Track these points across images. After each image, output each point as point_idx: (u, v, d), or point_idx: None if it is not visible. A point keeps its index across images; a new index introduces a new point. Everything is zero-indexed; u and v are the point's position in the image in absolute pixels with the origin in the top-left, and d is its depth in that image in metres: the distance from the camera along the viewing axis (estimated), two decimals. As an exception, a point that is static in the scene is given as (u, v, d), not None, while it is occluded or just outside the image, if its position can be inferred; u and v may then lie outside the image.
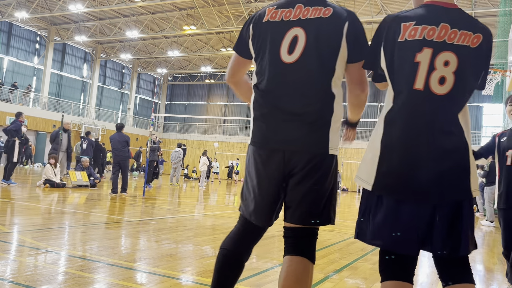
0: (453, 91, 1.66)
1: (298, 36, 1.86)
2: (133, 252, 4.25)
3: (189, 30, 25.28)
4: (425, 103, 1.67)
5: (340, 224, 8.27)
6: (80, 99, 32.89)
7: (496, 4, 19.17)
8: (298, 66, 1.86)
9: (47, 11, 25.22)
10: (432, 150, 1.65)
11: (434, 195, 1.64)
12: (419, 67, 1.67)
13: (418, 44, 1.67)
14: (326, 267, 4.17)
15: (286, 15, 1.89)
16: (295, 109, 1.86)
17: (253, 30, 1.96)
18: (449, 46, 1.66)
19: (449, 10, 1.73)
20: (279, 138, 1.88)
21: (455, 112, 1.70)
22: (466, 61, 1.66)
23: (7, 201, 7.59)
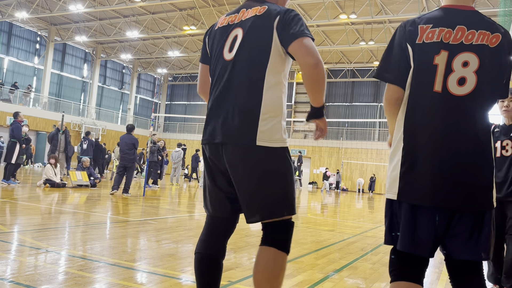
0: (475, 90, 1.65)
1: (237, 35, 2.00)
2: (133, 251, 4.26)
3: (189, 30, 25.28)
4: (446, 105, 1.67)
5: (340, 224, 8.28)
6: (80, 99, 32.90)
7: (496, 4, 19.16)
8: (234, 62, 1.97)
9: (47, 11, 25.23)
10: (456, 156, 1.64)
11: (456, 203, 1.65)
12: (437, 70, 1.68)
13: (436, 47, 1.69)
14: (326, 267, 4.17)
15: (232, 19, 2.07)
16: (233, 103, 1.95)
17: (208, 38, 2.17)
18: (468, 47, 1.67)
19: (466, 13, 1.74)
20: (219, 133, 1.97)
21: (482, 117, 1.67)
22: (487, 59, 1.66)
23: (7, 201, 7.59)
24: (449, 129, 1.66)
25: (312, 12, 23.32)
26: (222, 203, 2.06)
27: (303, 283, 3.49)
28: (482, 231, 1.67)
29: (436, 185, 1.65)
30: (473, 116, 1.67)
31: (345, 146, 30.05)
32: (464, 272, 1.72)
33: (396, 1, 21.17)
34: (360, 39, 25.55)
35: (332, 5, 22.09)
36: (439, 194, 1.64)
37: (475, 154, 1.65)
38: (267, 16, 1.95)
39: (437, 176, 1.65)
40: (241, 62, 1.96)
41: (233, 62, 1.98)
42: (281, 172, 1.94)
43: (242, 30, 1.99)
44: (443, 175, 1.64)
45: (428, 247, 1.68)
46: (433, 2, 20.49)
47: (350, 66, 31.93)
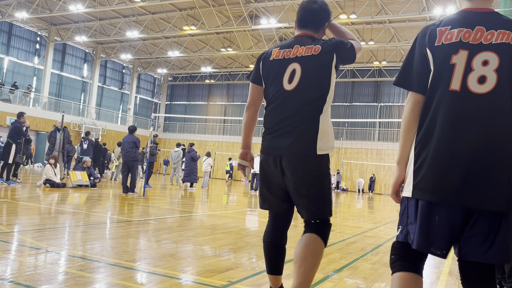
0: (496, 88, 1.66)
1: (295, 69, 2.43)
2: (133, 252, 4.26)
3: (189, 30, 25.28)
4: (464, 103, 1.68)
5: (340, 224, 8.28)
6: (80, 99, 32.90)
7: (496, 4, 19.16)
8: (295, 93, 2.42)
9: (47, 11, 25.23)
10: (473, 155, 1.64)
11: (471, 202, 1.63)
12: (454, 69, 1.70)
13: (454, 47, 1.72)
14: (326, 267, 4.17)
15: (287, 53, 2.49)
16: (292, 124, 2.41)
17: (262, 65, 2.58)
18: (487, 46, 1.69)
19: (483, 14, 1.77)
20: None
21: (506, 113, 1.66)
22: (509, 58, 1.67)
23: (7, 201, 7.59)
24: (468, 126, 1.66)
25: (312, 12, 23.28)
26: (279, 203, 2.54)
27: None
28: (498, 233, 1.63)
29: (452, 184, 1.64)
30: (494, 114, 1.66)
31: (345, 146, 30.04)
32: (476, 275, 1.71)
33: (396, 1, 21.17)
34: (360, 39, 25.55)
35: (332, 5, 22.09)
36: (455, 192, 1.64)
37: (495, 153, 1.63)
38: (324, 55, 2.42)
39: (453, 175, 1.65)
40: (301, 94, 2.40)
41: (293, 93, 2.42)
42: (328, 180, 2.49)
43: (300, 66, 2.42)
44: (459, 173, 1.64)
45: (441, 247, 1.69)
46: (433, 2, 20.49)
47: (350, 66, 31.91)
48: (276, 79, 2.48)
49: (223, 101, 38.23)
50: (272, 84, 2.50)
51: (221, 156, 33.68)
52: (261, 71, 2.58)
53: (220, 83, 38.25)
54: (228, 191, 18.05)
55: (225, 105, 38.07)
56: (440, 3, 20.17)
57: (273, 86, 2.49)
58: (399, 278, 1.76)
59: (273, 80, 2.49)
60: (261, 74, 2.58)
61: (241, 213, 9.22)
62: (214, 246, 4.79)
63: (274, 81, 2.49)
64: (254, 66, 2.65)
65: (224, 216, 8.17)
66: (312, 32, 2.55)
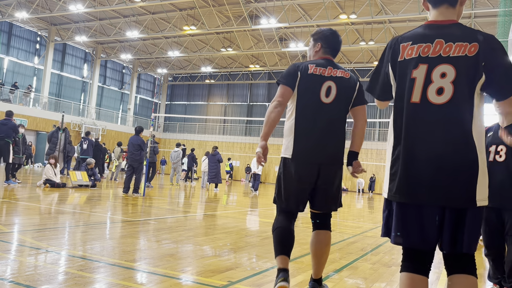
0: (453, 99, 1.80)
1: (331, 86, 2.96)
2: (133, 252, 4.26)
3: (189, 30, 25.28)
4: (424, 113, 1.85)
5: (340, 224, 8.27)
6: (80, 99, 32.90)
7: (496, 4, 19.16)
8: (332, 106, 2.96)
9: (47, 11, 25.23)
10: (436, 158, 1.81)
11: (437, 200, 1.82)
12: (415, 82, 1.86)
13: (414, 62, 1.87)
14: (326, 267, 4.16)
15: (323, 71, 2.98)
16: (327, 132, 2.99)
17: (300, 74, 2.97)
18: (445, 59, 1.83)
19: (445, 27, 1.89)
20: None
21: (463, 122, 1.81)
22: (464, 69, 1.80)
23: (7, 201, 7.59)
24: (428, 134, 1.84)
25: (312, 12, 23.32)
26: (304, 203, 3.04)
27: (303, 283, 3.49)
28: (465, 227, 1.82)
29: (419, 185, 1.83)
30: (452, 122, 1.81)
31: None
32: (456, 264, 1.90)
33: (396, 1, 21.17)
34: (360, 39, 25.55)
35: (332, 5, 22.09)
36: (422, 193, 1.82)
37: (455, 156, 1.80)
38: (352, 81, 3.05)
39: (420, 177, 1.83)
40: (336, 107, 2.97)
41: (330, 105, 2.95)
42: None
43: (335, 85, 2.96)
44: (425, 175, 1.82)
45: (414, 239, 1.86)
46: (433, 2, 20.46)
47: (350, 66, 31.91)
48: (313, 90, 2.96)
49: (223, 101, 38.23)
50: (308, 95, 2.96)
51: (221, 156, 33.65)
52: (298, 78, 2.96)
53: (220, 83, 38.25)
54: (228, 191, 18.04)
55: (225, 105, 38.06)
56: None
57: (309, 97, 2.95)
58: (406, 278, 1.89)
59: (309, 91, 2.96)
60: (297, 82, 2.97)
61: (241, 213, 9.21)
62: (214, 246, 4.79)
63: (310, 92, 2.96)
64: (289, 70, 3.02)
65: (224, 216, 8.17)
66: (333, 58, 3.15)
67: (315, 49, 3.12)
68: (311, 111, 2.92)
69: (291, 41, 27.15)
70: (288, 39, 27.66)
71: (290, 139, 2.96)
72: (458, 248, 1.84)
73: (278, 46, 27.37)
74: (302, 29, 26.01)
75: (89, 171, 12.53)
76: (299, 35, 26.77)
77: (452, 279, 1.89)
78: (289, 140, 2.97)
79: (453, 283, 1.88)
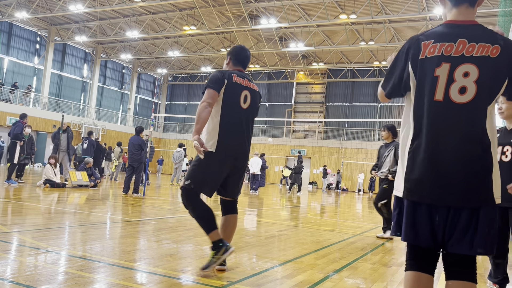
0: (476, 98, 1.82)
1: (247, 95, 3.68)
2: (133, 252, 4.26)
3: (189, 30, 25.28)
4: (446, 112, 1.85)
5: (340, 224, 8.28)
6: (80, 99, 32.90)
7: (496, 4, 19.15)
8: (248, 111, 3.67)
9: (47, 11, 25.23)
10: (452, 158, 1.84)
11: (451, 200, 1.83)
12: (438, 80, 1.86)
13: (437, 60, 1.87)
14: (326, 267, 4.17)
15: (242, 81, 3.64)
16: None
17: (226, 82, 3.51)
18: (468, 58, 1.83)
19: (467, 27, 1.90)
20: None
21: (481, 121, 1.84)
22: (487, 70, 1.82)
23: (7, 201, 7.59)
24: (448, 133, 1.85)
25: (312, 12, 23.32)
26: (216, 190, 3.69)
27: (303, 283, 3.49)
28: (478, 227, 1.81)
29: (433, 184, 1.85)
30: (473, 122, 1.83)
31: (345, 146, 30.03)
32: (457, 265, 1.89)
33: (396, 1, 21.16)
34: (360, 39, 25.55)
35: (332, 5, 22.09)
36: (435, 192, 1.84)
37: (472, 155, 1.83)
38: (259, 94, 3.88)
39: (434, 176, 1.85)
40: (250, 113, 3.73)
41: (246, 110, 3.67)
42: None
43: (250, 94, 3.73)
44: (439, 175, 1.84)
45: (425, 238, 1.88)
46: (433, 2, 20.48)
47: (350, 66, 31.93)
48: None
49: (223, 101, 38.18)
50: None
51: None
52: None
53: (220, 83, 38.18)
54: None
55: (225, 105, 38.00)
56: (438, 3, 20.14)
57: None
58: (410, 276, 1.93)
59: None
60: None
61: (241, 213, 9.21)
62: (214, 246, 4.78)
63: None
64: (219, 78, 3.47)
65: (224, 216, 8.17)
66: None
67: (226, 62, 3.79)
68: (234, 114, 3.49)
69: (291, 41, 27.15)
70: (288, 39, 27.66)
71: (214, 135, 3.44)
72: (473, 248, 1.81)
73: (278, 46, 27.37)
74: (302, 29, 26.01)
75: (88, 171, 12.52)
76: (299, 35, 26.77)
77: (450, 285, 1.89)
78: (213, 135, 3.44)
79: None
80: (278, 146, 32.03)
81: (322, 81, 34.22)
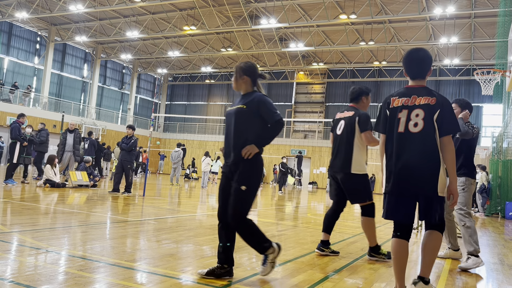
0: (423, 130, 3.04)
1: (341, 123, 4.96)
2: (133, 252, 4.26)
3: (189, 31, 25.28)
4: (406, 139, 3.08)
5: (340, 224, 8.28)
6: (81, 99, 32.90)
7: (496, 4, 19.15)
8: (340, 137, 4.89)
9: (47, 11, 25.22)
10: (410, 168, 3.04)
11: (407, 192, 3.07)
12: (400, 120, 3.12)
13: (399, 108, 3.14)
14: (326, 267, 4.17)
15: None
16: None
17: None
18: (418, 106, 3.08)
19: (418, 88, 3.17)
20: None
21: (431, 144, 3.03)
22: (429, 112, 3.05)
23: (7, 201, 7.59)
24: (407, 151, 3.06)
25: (312, 12, 23.32)
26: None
27: (303, 283, 3.49)
28: (431, 207, 3.04)
29: (398, 184, 3.07)
30: (422, 145, 3.04)
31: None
32: (429, 226, 3.19)
33: (396, 1, 21.16)
34: (360, 39, 25.54)
35: (332, 5, 22.09)
36: (399, 188, 3.07)
37: (422, 165, 3.02)
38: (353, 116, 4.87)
39: (399, 179, 3.07)
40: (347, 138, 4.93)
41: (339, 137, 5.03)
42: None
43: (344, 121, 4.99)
44: (404, 178, 3.05)
45: (399, 217, 3.11)
46: (433, 2, 20.48)
47: (350, 66, 31.92)
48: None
49: (223, 101, 38.22)
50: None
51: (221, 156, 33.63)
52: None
53: (220, 83, 38.24)
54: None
55: (225, 105, 38.03)
56: (440, 3, 20.16)
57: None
58: (394, 242, 3.12)
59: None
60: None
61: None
62: (214, 246, 4.79)
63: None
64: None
65: (224, 216, 8.16)
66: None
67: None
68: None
69: (291, 41, 27.15)
70: (288, 39, 27.66)
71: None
72: (431, 220, 3.06)
73: (278, 46, 27.36)
74: (302, 29, 26.00)
75: (88, 170, 12.51)
76: (299, 35, 26.77)
77: (426, 234, 3.19)
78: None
79: (426, 234, 3.17)
80: (278, 146, 32.03)
81: (322, 81, 34.22)
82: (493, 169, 16.63)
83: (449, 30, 23.29)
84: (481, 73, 12.30)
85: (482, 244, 6.93)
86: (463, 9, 20.67)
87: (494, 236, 8.42)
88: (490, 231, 9.33)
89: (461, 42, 24.38)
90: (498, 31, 16.06)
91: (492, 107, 27.34)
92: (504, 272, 4.73)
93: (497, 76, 12.09)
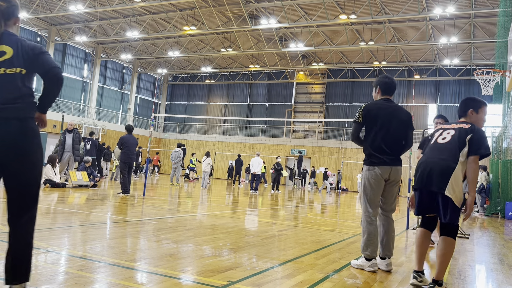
0: (449, 141, 3.63)
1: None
2: (133, 252, 4.26)
3: (189, 31, 25.29)
4: (434, 148, 3.70)
5: (340, 224, 8.28)
6: (81, 99, 32.90)
7: (496, 4, 19.15)
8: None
9: (47, 11, 25.23)
10: (434, 169, 3.52)
11: (431, 188, 3.52)
12: (434, 137, 3.80)
13: (435, 131, 3.85)
14: (326, 267, 4.17)
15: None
16: None
17: None
18: (453, 128, 3.67)
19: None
20: None
21: (448, 151, 3.57)
22: (457, 132, 3.62)
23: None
24: (433, 156, 3.61)
25: (312, 12, 23.32)
26: None
27: (303, 283, 3.49)
28: (446, 206, 3.44)
29: (423, 180, 3.55)
30: (444, 151, 3.56)
31: (345, 146, 30.05)
32: (442, 229, 3.52)
33: (396, 1, 21.17)
34: (360, 39, 25.55)
35: (332, 5, 22.10)
36: (423, 184, 3.54)
37: (443, 167, 3.47)
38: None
39: (424, 177, 3.56)
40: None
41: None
42: None
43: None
44: (425, 176, 3.54)
45: (424, 212, 3.66)
46: (433, 2, 20.48)
47: (350, 66, 31.93)
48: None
49: (223, 101, 38.23)
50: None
51: (221, 156, 33.69)
52: None
53: (220, 83, 38.25)
54: (228, 191, 18.04)
55: (225, 105, 38.06)
56: (440, 3, 20.17)
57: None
58: (419, 231, 3.67)
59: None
60: None
61: (241, 213, 9.22)
62: (214, 246, 4.79)
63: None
64: None
65: (224, 216, 8.17)
66: None
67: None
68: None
69: (291, 41, 27.16)
70: (288, 39, 27.66)
71: None
72: (445, 219, 3.44)
73: (278, 46, 27.37)
74: (302, 29, 26.01)
75: (88, 170, 12.51)
76: (299, 35, 26.77)
77: (439, 240, 3.51)
78: None
79: (439, 241, 3.48)
80: (278, 146, 32.04)
81: (322, 81, 34.23)
82: (493, 169, 16.64)
83: (449, 30, 23.29)
84: (481, 73, 12.30)
85: (482, 244, 6.93)
86: (463, 9, 20.67)
87: (494, 236, 8.43)
88: (490, 231, 9.33)
89: (461, 42, 24.38)
90: (498, 31, 16.06)
91: (491, 107, 27.28)
92: (504, 272, 4.74)
93: (497, 76, 12.09)
